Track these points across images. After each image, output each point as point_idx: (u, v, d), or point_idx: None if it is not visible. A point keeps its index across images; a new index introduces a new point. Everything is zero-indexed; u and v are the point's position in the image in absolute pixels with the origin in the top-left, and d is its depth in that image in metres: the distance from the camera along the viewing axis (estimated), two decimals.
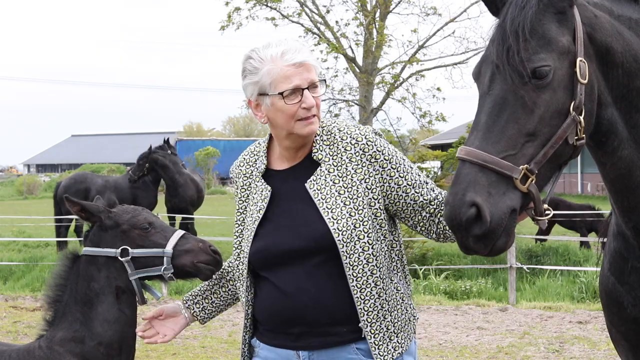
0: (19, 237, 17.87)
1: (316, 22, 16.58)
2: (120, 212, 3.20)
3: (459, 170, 2.35)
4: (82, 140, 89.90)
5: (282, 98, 2.68)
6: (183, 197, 17.10)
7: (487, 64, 2.45)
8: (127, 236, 3.13)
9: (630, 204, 2.65)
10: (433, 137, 41.99)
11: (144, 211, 3.23)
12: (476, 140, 2.34)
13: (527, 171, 2.30)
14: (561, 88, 2.36)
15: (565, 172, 36.70)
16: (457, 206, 2.27)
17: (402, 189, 2.76)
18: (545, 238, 14.33)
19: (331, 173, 2.75)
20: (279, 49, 2.70)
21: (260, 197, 2.83)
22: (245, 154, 2.98)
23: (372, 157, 2.75)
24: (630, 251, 2.78)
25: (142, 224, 3.14)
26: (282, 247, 2.74)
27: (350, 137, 2.77)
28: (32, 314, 10.15)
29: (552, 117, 2.35)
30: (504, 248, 2.33)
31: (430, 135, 39.58)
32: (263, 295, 2.82)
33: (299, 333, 2.74)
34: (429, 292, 11.51)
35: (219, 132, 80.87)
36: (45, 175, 64.82)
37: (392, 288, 2.76)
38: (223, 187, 43.91)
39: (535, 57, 2.34)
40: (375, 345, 2.70)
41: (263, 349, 2.85)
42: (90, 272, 3.14)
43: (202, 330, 9.24)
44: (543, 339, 8.47)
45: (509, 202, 2.29)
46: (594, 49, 2.46)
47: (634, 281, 2.79)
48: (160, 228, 3.16)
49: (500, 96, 2.36)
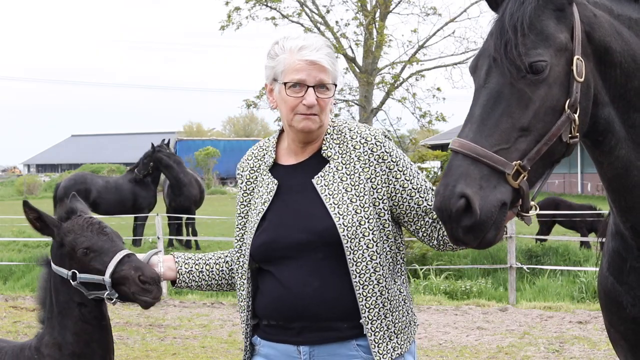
0: (19, 237, 17.85)
1: (316, 22, 16.57)
2: (66, 229, 2.97)
3: (451, 161, 2.36)
4: (82, 140, 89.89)
5: (286, 88, 2.75)
6: (188, 196, 17.29)
7: (484, 58, 2.46)
8: (72, 258, 2.93)
9: (627, 203, 2.65)
10: (433, 137, 42.01)
11: (90, 228, 2.94)
12: (470, 133, 2.35)
13: (520, 167, 2.32)
14: (557, 85, 2.37)
15: (565, 172, 36.81)
16: (447, 197, 2.29)
17: (407, 192, 2.79)
18: (546, 238, 14.33)
19: (339, 170, 2.80)
20: (300, 42, 2.77)
21: (266, 190, 2.86)
22: (254, 149, 3.01)
23: (380, 158, 2.79)
24: (629, 251, 2.77)
25: (80, 248, 2.90)
26: (286, 241, 2.76)
27: (360, 136, 2.82)
28: (32, 314, 10.15)
29: (547, 113, 2.36)
30: (493, 241, 2.34)
31: (430, 135, 39.60)
32: (265, 289, 2.83)
33: (300, 328, 2.75)
34: (429, 292, 11.52)
35: (219, 132, 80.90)
36: (45, 175, 64.80)
37: (395, 289, 2.79)
38: (223, 187, 43.92)
39: (533, 52, 2.35)
40: (375, 343, 2.72)
41: (264, 346, 2.86)
42: (57, 284, 3.03)
43: (202, 331, 9.25)
44: (543, 339, 8.47)
45: (500, 195, 2.30)
46: (592, 49, 2.47)
47: (632, 281, 2.78)
48: (99, 252, 2.89)
49: (495, 89, 2.38)
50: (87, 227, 2.94)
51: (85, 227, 2.94)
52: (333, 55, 2.81)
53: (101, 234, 2.94)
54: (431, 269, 12.70)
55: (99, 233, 2.94)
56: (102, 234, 2.95)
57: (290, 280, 2.74)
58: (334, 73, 2.80)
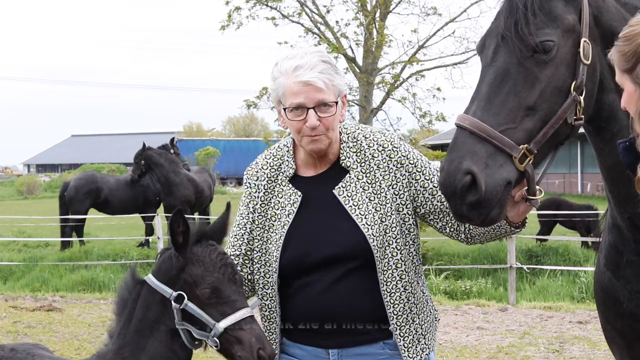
0: (19, 237, 17.86)
1: (316, 22, 16.59)
2: (196, 258, 2.71)
3: (457, 137, 2.37)
4: (82, 140, 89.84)
5: (286, 113, 2.74)
6: (177, 196, 16.78)
7: (491, 37, 2.48)
8: (189, 288, 2.69)
9: (626, 193, 2.65)
10: (433, 137, 41.98)
11: (223, 270, 2.70)
12: (478, 111, 2.36)
13: (527, 151, 2.34)
14: (563, 65, 2.39)
15: (565, 172, 36.80)
16: (452, 173, 2.30)
17: (429, 192, 2.81)
18: (546, 238, 14.33)
19: (360, 180, 2.80)
20: (295, 62, 2.71)
21: (288, 202, 2.84)
22: (268, 158, 2.94)
23: (399, 163, 2.81)
24: (625, 244, 2.77)
25: (206, 288, 2.67)
26: (317, 255, 2.77)
27: (377, 144, 2.83)
28: (32, 314, 10.15)
29: (552, 93, 2.38)
30: (496, 219, 2.37)
31: (430, 135, 39.56)
32: (293, 297, 2.84)
33: (329, 332, 2.79)
34: None
35: (219, 132, 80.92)
36: (45, 175, 64.81)
37: (419, 291, 2.85)
38: (223, 187, 43.88)
39: (541, 31, 2.37)
40: (405, 348, 2.78)
41: (290, 346, 2.90)
42: (148, 300, 2.76)
43: None
44: (543, 339, 8.47)
45: (506, 174, 2.32)
46: (599, 32, 2.48)
47: (629, 275, 2.77)
48: (223, 300, 2.67)
49: (503, 68, 2.39)
50: (219, 267, 2.71)
51: (217, 266, 2.70)
52: (331, 70, 2.72)
53: (231, 282, 2.70)
54: (431, 269, 12.70)
55: (229, 279, 2.71)
56: (232, 281, 2.71)
57: (320, 290, 2.77)
58: (334, 89, 2.72)
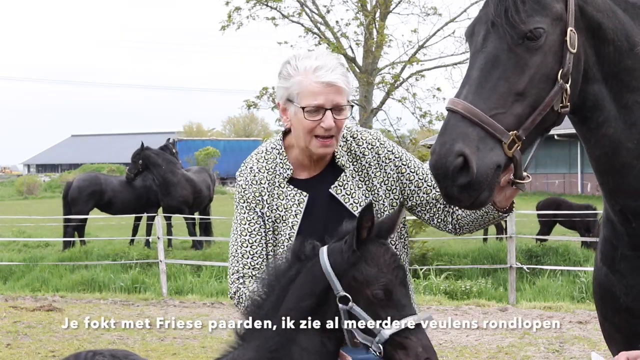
0: (19, 237, 17.85)
1: (316, 22, 16.59)
2: (371, 256, 2.50)
3: (448, 120, 2.40)
4: (82, 140, 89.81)
5: (304, 112, 2.75)
6: (175, 196, 16.83)
7: (481, 24, 2.52)
8: (357, 287, 2.49)
9: (616, 184, 2.67)
10: (433, 137, 41.86)
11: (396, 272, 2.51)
12: (469, 95, 2.40)
13: (516, 137, 2.38)
14: (551, 53, 2.43)
15: (565, 172, 36.78)
16: (444, 155, 2.33)
17: (415, 184, 2.90)
18: (546, 238, 14.33)
19: (354, 178, 2.87)
20: (314, 62, 2.75)
21: (293, 202, 2.87)
22: (261, 161, 2.93)
23: (386, 158, 2.89)
24: (619, 238, 2.78)
25: (379, 289, 2.47)
26: None
27: (365, 142, 2.90)
28: (32, 314, 10.17)
29: (541, 80, 2.42)
30: (485, 202, 2.41)
31: (430, 135, 39.50)
32: None
33: None
34: (429, 292, 11.52)
35: (219, 132, 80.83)
36: (45, 175, 64.79)
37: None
38: (223, 187, 43.88)
39: (530, 19, 2.41)
40: None
41: None
42: (311, 283, 2.52)
43: (202, 331, 9.23)
44: (543, 339, 8.47)
45: (496, 158, 2.36)
46: (585, 22, 2.52)
47: (624, 269, 2.79)
48: (394, 304, 2.48)
49: (493, 54, 2.43)
50: (393, 269, 2.52)
51: (391, 268, 2.51)
52: (346, 73, 2.84)
53: (402, 285, 2.54)
54: (431, 269, 12.70)
55: (401, 283, 2.54)
56: (403, 285, 2.55)
57: None
58: (349, 92, 2.83)
